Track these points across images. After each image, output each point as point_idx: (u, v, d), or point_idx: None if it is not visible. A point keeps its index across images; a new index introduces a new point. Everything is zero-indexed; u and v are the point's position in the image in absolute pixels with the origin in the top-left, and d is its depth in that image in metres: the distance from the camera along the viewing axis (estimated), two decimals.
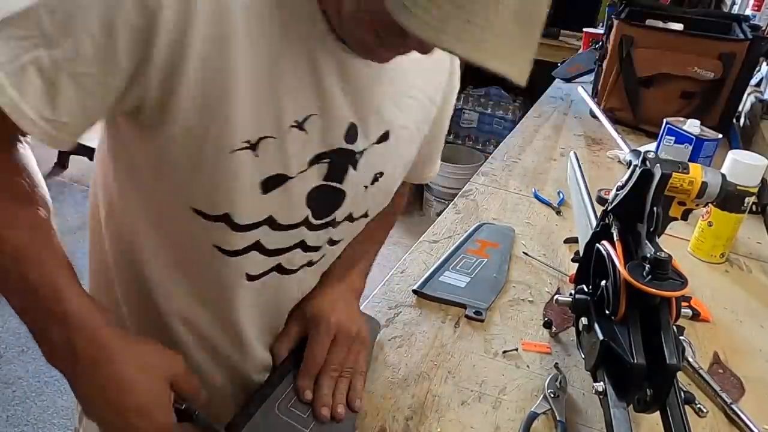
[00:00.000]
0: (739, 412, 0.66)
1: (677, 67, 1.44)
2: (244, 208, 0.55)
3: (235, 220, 0.55)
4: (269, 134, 0.53)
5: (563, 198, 1.14)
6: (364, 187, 0.64)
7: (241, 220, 0.56)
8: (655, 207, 0.60)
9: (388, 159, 0.65)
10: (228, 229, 0.56)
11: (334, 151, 0.58)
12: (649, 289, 0.52)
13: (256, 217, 0.56)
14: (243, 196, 0.54)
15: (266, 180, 0.54)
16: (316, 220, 0.61)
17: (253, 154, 0.53)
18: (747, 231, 1.07)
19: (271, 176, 0.55)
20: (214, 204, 0.55)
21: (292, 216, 0.59)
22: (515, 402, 0.66)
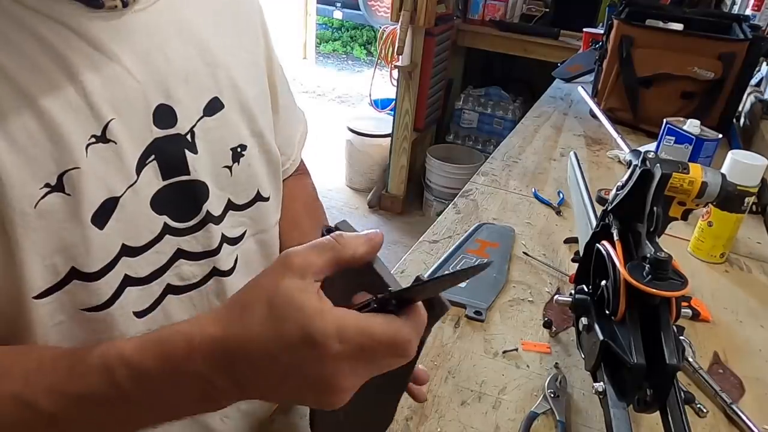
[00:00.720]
0: (739, 412, 0.66)
1: (677, 67, 1.44)
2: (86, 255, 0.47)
3: (85, 270, 0.47)
4: (69, 166, 0.45)
5: (563, 198, 1.14)
6: (226, 168, 0.57)
7: (92, 266, 0.47)
8: (655, 207, 0.60)
9: (238, 128, 0.58)
10: (83, 282, 0.47)
11: (152, 146, 0.50)
12: (649, 289, 0.52)
13: (106, 257, 0.48)
14: (79, 243, 0.46)
15: (95, 214, 0.46)
16: (179, 224, 0.54)
17: (63, 194, 0.45)
18: (747, 231, 1.07)
19: (99, 208, 0.47)
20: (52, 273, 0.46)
21: (146, 232, 0.51)
22: (515, 402, 0.66)
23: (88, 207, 0.46)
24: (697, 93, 1.46)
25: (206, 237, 0.56)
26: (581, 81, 1.92)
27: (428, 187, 3.08)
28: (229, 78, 0.57)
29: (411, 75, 2.83)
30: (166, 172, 0.52)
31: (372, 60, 5.53)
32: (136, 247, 0.51)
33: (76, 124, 0.45)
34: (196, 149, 0.54)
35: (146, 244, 0.51)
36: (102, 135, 0.47)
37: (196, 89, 0.54)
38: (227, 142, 0.57)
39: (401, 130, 2.94)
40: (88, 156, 0.46)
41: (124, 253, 0.50)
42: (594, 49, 1.95)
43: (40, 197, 0.44)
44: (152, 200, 0.51)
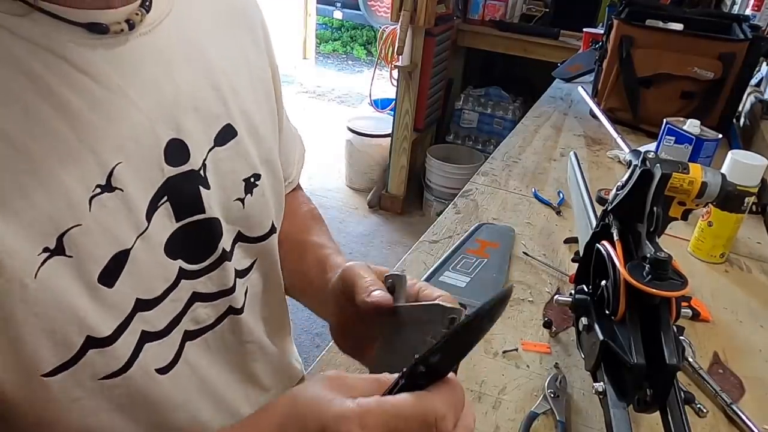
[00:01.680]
0: (739, 412, 0.66)
1: (677, 67, 1.44)
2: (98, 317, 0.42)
3: (100, 337, 0.42)
4: (70, 224, 0.39)
5: (563, 198, 1.14)
6: (239, 200, 0.53)
7: (105, 330, 0.42)
8: (655, 207, 0.60)
9: (251, 155, 0.54)
10: (99, 349, 0.42)
11: (164, 186, 0.45)
12: (649, 289, 0.52)
13: (119, 315, 0.43)
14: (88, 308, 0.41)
15: (103, 273, 0.42)
16: (194, 265, 0.49)
17: (65, 258, 0.39)
18: (747, 231, 1.07)
19: (107, 266, 0.42)
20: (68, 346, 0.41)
21: (161, 281, 0.47)
22: (515, 402, 0.66)
23: (94, 266, 0.41)
24: (697, 93, 1.46)
25: (221, 276, 0.52)
26: (581, 81, 1.92)
27: (428, 187, 3.08)
28: (238, 102, 0.53)
29: (411, 75, 2.83)
30: (180, 212, 0.47)
31: (372, 60, 5.53)
32: (150, 299, 0.46)
33: (78, 176, 0.40)
34: (208, 184, 0.49)
35: (162, 294, 0.47)
36: (107, 183, 0.41)
37: (207, 117, 0.49)
38: (239, 174, 0.53)
39: (401, 130, 2.94)
40: (92, 210, 0.41)
41: (138, 308, 0.45)
42: (594, 49, 1.95)
43: (40, 264, 0.38)
44: (166, 245, 0.46)
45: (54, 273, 0.39)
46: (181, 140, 0.47)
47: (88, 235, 0.41)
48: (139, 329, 0.45)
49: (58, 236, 0.39)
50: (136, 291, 0.45)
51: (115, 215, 0.42)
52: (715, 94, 1.44)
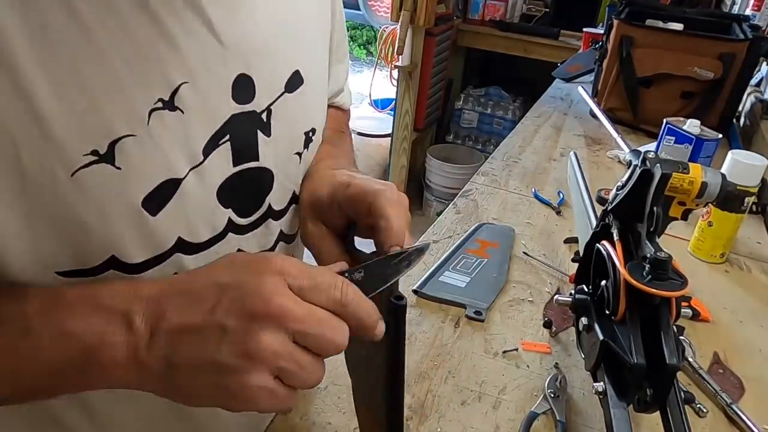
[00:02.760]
0: (739, 412, 0.66)
1: (677, 67, 1.44)
2: (132, 242, 0.40)
3: (127, 260, 0.40)
4: (124, 132, 0.37)
5: (563, 198, 1.14)
6: (297, 154, 0.49)
7: (136, 256, 0.40)
8: (655, 207, 0.60)
9: (314, 107, 0.51)
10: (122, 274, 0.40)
11: (229, 124, 0.43)
12: (649, 289, 0.52)
13: (156, 248, 0.41)
14: (123, 230, 0.39)
15: (149, 197, 0.39)
16: (243, 219, 0.47)
17: (113, 167, 0.37)
18: (747, 231, 1.07)
19: (154, 190, 0.39)
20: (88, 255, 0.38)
21: (209, 227, 0.44)
22: (515, 402, 0.66)
23: (141, 187, 0.38)
24: (697, 93, 1.46)
25: (264, 235, 0.49)
26: (581, 81, 1.92)
27: (428, 187, 3.08)
28: (308, 47, 0.49)
29: (411, 75, 2.83)
30: (238, 156, 0.44)
31: (372, 60, 5.52)
32: (194, 243, 0.43)
33: (142, 82, 0.37)
34: (269, 131, 0.45)
35: (207, 241, 0.44)
36: (170, 100, 0.38)
37: (280, 60, 0.46)
38: (302, 125, 0.49)
39: (401, 130, 2.94)
40: (150, 123, 0.38)
41: (178, 249, 0.42)
42: (594, 49, 1.95)
43: (81, 165, 0.35)
44: (219, 189, 0.43)
45: (94, 181, 0.36)
46: (249, 77, 0.43)
47: (142, 149, 0.38)
48: (171, 271, 0.43)
49: (111, 142, 0.36)
50: (180, 229, 0.42)
51: (173, 137, 0.39)
52: (715, 94, 1.44)
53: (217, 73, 0.41)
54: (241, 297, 0.33)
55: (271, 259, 0.35)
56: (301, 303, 0.34)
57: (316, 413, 0.63)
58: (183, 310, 0.34)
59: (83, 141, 0.35)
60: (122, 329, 0.34)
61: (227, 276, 0.34)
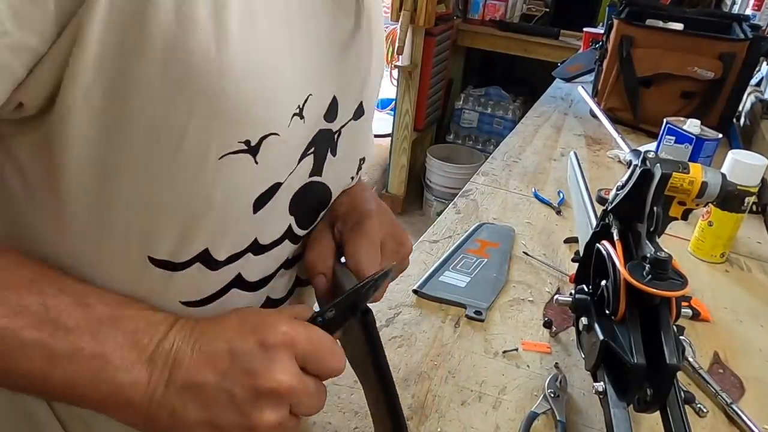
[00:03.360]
0: (739, 412, 0.66)
1: (677, 67, 1.44)
2: (227, 238, 0.41)
3: (215, 255, 0.41)
4: (273, 130, 0.38)
5: (563, 198, 1.14)
6: (351, 178, 0.52)
7: (223, 254, 0.41)
8: (655, 207, 0.60)
9: (366, 139, 0.53)
10: (204, 269, 0.41)
11: (317, 136, 0.45)
12: (649, 289, 0.52)
13: (239, 245, 0.42)
14: (229, 224, 0.40)
15: (262, 195, 0.40)
16: (301, 230, 0.48)
17: (253, 160, 0.38)
18: (747, 231, 1.07)
19: (265, 192, 0.41)
20: (188, 243, 0.39)
21: (276, 230, 0.45)
22: (515, 402, 0.66)
23: (259, 186, 0.40)
24: (697, 93, 1.46)
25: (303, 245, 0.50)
26: (581, 81, 1.92)
27: (428, 187, 3.08)
28: (372, 82, 0.52)
29: (411, 75, 2.83)
30: (315, 169, 0.46)
31: None
32: (262, 245, 0.44)
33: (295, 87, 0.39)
34: (336, 151, 0.48)
35: (269, 244, 0.45)
36: (301, 109, 0.41)
37: (355, 88, 0.49)
38: (359, 152, 0.52)
39: (401, 130, 2.94)
40: (290, 127, 0.39)
41: (251, 249, 0.43)
42: (594, 48, 1.95)
43: (232, 151, 0.36)
44: (293, 196, 0.45)
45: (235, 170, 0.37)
46: (337, 100, 0.46)
47: (277, 150, 0.39)
48: (237, 270, 0.44)
49: (263, 136, 0.38)
50: (259, 230, 0.43)
51: (294, 143, 0.41)
52: (715, 93, 1.44)
53: (325, 89, 0.44)
54: (251, 371, 0.35)
55: (279, 326, 0.37)
56: (304, 379, 0.37)
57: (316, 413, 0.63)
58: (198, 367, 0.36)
59: (246, 127, 0.36)
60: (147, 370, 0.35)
61: (239, 341, 0.36)
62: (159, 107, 0.33)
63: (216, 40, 0.33)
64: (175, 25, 0.32)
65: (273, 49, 0.37)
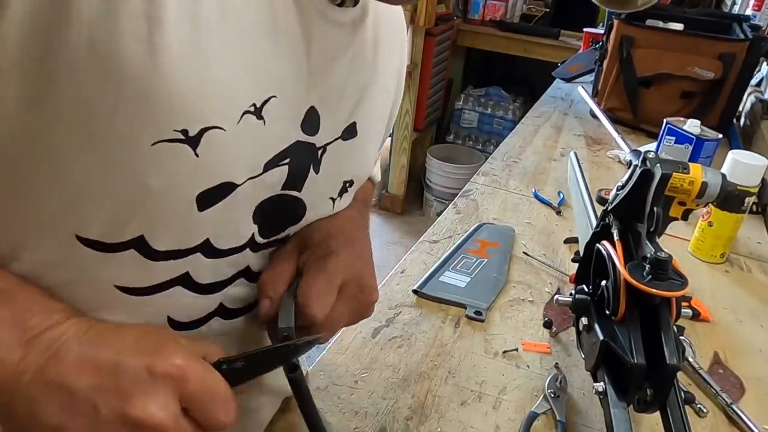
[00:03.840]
0: (739, 412, 0.66)
1: (677, 67, 1.44)
2: (168, 229, 0.39)
3: (153, 245, 0.39)
4: (217, 123, 0.37)
5: (563, 198, 1.14)
6: (331, 199, 0.51)
7: (162, 244, 0.39)
8: (655, 207, 0.60)
9: (357, 161, 0.52)
10: (141, 257, 0.39)
11: (293, 148, 0.44)
12: (649, 289, 0.52)
13: (184, 242, 0.41)
14: (168, 216, 0.38)
15: (206, 192, 0.39)
16: (262, 239, 0.47)
17: (193, 153, 0.37)
18: (747, 231, 1.07)
19: (213, 188, 0.39)
20: (119, 227, 0.37)
21: (234, 237, 0.44)
22: (515, 402, 0.66)
23: (205, 181, 0.39)
24: (697, 93, 1.46)
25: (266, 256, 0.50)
26: (581, 81, 1.92)
27: (428, 187, 3.08)
28: (373, 105, 0.52)
29: (411, 75, 2.83)
30: (289, 182, 0.45)
31: None
32: (217, 249, 0.43)
33: (245, 82, 0.38)
34: (318, 168, 0.47)
35: (227, 250, 0.44)
36: (260, 108, 0.39)
37: (345, 106, 0.48)
38: (344, 173, 0.51)
39: (401, 130, 2.94)
40: (240, 123, 0.38)
41: (201, 250, 0.42)
42: (594, 49, 1.95)
43: (166, 138, 0.35)
44: (259, 205, 0.44)
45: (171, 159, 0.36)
46: (318, 113, 0.45)
47: (224, 145, 0.38)
48: (185, 269, 0.42)
49: (203, 128, 0.37)
50: (213, 232, 0.42)
51: (249, 143, 0.40)
52: (715, 94, 1.44)
53: (298, 96, 0.43)
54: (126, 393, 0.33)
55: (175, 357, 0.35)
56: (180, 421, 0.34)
57: None
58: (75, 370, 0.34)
59: (182, 117, 0.35)
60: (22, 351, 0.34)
61: (128, 358, 0.34)
62: (88, 85, 0.32)
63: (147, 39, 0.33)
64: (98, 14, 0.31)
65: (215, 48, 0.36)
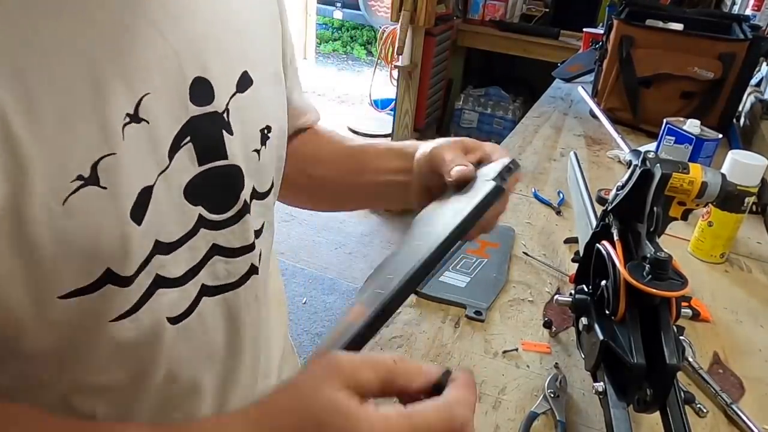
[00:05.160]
0: (739, 412, 0.66)
1: (677, 67, 1.44)
2: (124, 255, 0.41)
3: (120, 273, 0.41)
4: (104, 152, 0.38)
5: (563, 198, 1.14)
6: (255, 151, 0.51)
7: (129, 269, 0.41)
8: (655, 207, 0.60)
9: (266, 107, 0.53)
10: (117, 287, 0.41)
11: (188, 125, 0.44)
12: (649, 289, 0.52)
13: (141, 255, 0.42)
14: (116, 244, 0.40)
15: (134, 208, 0.40)
16: (215, 215, 0.48)
17: (98, 188, 0.38)
18: (747, 231, 1.07)
19: (136, 201, 0.40)
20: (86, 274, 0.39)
21: (180, 225, 0.45)
22: (515, 402, 0.66)
23: (127, 201, 0.40)
24: (697, 93, 1.46)
25: (243, 230, 0.51)
26: (581, 81, 1.92)
27: None
28: (256, 48, 0.51)
29: (411, 75, 2.83)
30: (203, 155, 0.45)
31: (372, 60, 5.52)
32: (169, 243, 0.44)
33: (111, 101, 0.38)
34: (232, 130, 0.47)
35: (180, 239, 0.45)
36: (135, 113, 0.40)
37: (230, 61, 0.47)
38: (257, 123, 0.51)
39: (401, 130, 2.94)
40: (125, 139, 0.39)
41: (157, 251, 0.43)
42: (594, 49, 1.95)
43: (71, 192, 0.36)
44: (186, 188, 0.45)
45: (86, 203, 0.37)
46: (206, 80, 0.45)
47: (122, 166, 0.39)
48: (154, 273, 0.44)
49: (93, 164, 0.37)
50: (156, 232, 0.43)
51: (143, 148, 0.41)
52: (715, 94, 1.44)
53: (173, 79, 0.42)
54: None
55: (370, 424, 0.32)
56: None
57: None
58: None
59: (69, 169, 0.36)
60: None
61: None
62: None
63: None
64: None
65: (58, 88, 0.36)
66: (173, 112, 0.43)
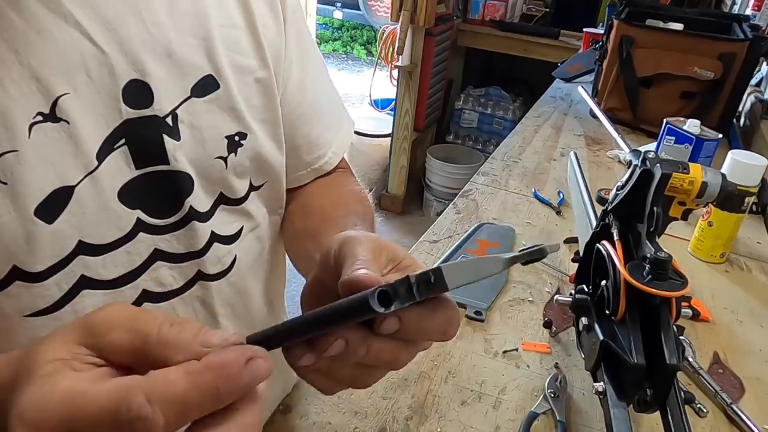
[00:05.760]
0: (739, 412, 0.66)
1: (677, 67, 1.44)
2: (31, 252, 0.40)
3: (29, 269, 0.41)
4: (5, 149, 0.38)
5: (563, 198, 1.14)
6: (221, 159, 0.50)
7: (37, 265, 0.41)
8: (655, 207, 0.60)
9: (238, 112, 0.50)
10: (26, 283, 0.41)
11: (122, 128, 0.43)
12: (649, 289, 0.52)
13: (57, 253, 0.42)
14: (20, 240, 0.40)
15: (41, 206, 0.40)
16: (157, 220, 0.47)
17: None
18: (747, 231, 1.07)
19: (46, 199, 0.40)
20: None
21: (113, 228, 0.45)
22: (515, 402, 0.66)
23: (30, 198, 0.40)
24: (697, 93, 1.46)
25: (189, 236, 0.50)
26: (581, 81, 1.92)
27: (428, 187, 3.08)
28: (230, 53, 0.50)
29: (411, 75, 2.83)
30: (140, 159, 0.45)
31: (372, 60, 5.53)
32: (98, 245, 0.44)
33: (17, 100, 0.38)
34: (178, 135, 0.46)
35: (113, 242, 0.45)
36: (51, 113, 0.40)
37: (183, 65, 0.46)
38: (221, 129, 0.50)
39: (401, 130, 2.94)
40: (32, 137, 0.39)
41: (81, 251, 0.43)
42: (594, 49, 1.96)
43: None
44: (121, 192, 0.44)
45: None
46: (144, 82, 0.44)
47: (25, 163, 0.39)
48: (78, 273, 0.44)
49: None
50: (80, 233, 0.43)
51: (59, 148, 0.41)
52: (715, 94, 1.44)
53: (101, 82, 0.42)
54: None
55: None
56: None
57: (316, 413, 0.63)
58: None
59: None
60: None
61: None
62: None
63: None
64: None
65: None
66: (102, 114, 0.42)
